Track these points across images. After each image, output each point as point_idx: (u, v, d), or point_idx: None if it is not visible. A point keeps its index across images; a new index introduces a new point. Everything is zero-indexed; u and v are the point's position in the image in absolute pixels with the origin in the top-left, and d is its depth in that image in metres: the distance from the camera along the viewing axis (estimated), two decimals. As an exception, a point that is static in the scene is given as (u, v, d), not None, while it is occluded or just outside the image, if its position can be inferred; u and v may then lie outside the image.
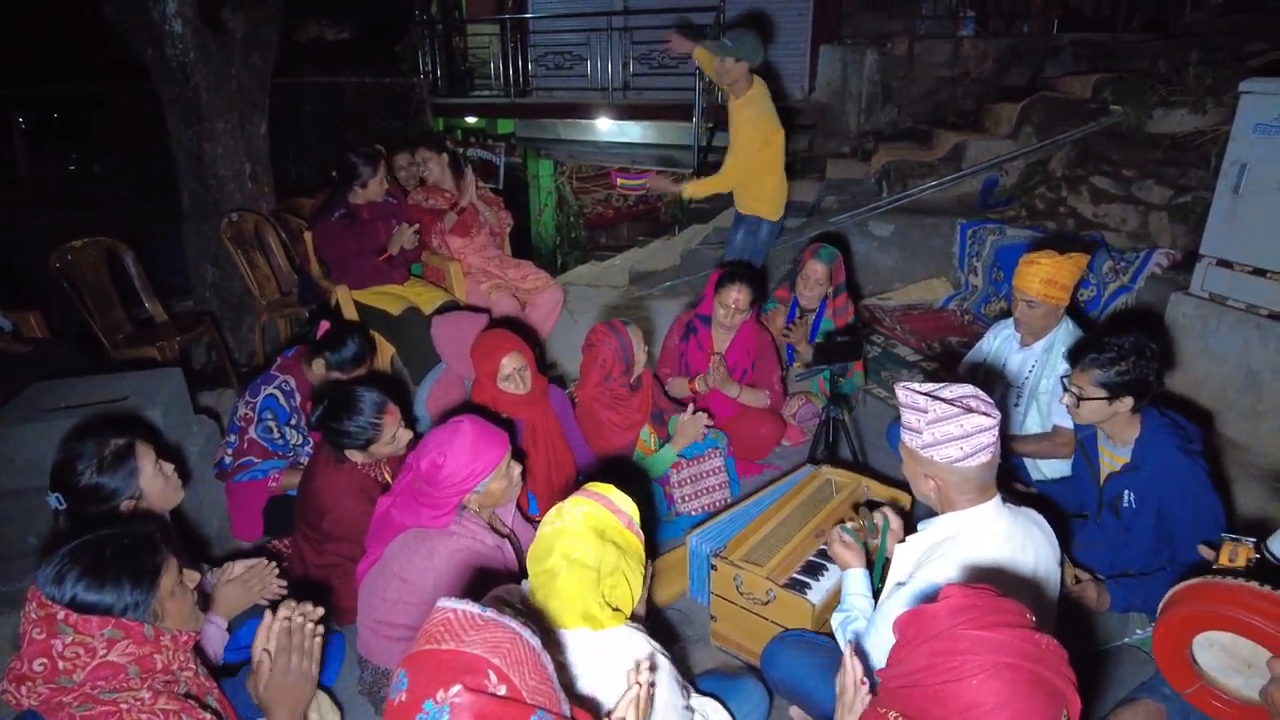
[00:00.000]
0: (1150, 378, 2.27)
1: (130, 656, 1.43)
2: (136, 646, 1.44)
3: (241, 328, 5.23)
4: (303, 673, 1.63)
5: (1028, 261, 2.81)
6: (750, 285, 3.43)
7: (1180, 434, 2.35)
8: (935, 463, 1.68)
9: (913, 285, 5.59)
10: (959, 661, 1.16)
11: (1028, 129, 5.77)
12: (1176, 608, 1.61)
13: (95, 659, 1.40)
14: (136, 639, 1.44)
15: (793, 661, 2.11)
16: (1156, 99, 5.02)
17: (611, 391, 3.11)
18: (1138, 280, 4.25)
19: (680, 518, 3.18)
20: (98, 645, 1.40)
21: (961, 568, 1.68)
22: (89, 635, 1.40)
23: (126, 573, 1.44)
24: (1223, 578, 1.56)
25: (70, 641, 1.38)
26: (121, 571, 1.43)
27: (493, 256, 4.52)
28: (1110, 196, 4.97)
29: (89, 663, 1.39)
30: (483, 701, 1.04)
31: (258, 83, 5.06)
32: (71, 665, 1.38)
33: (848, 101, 7.26)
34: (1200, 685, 1.66)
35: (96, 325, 4.21)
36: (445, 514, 2.06)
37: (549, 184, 10.86)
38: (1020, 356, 3.00)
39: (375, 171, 3.89)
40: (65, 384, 3.09)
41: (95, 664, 1.40)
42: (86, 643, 1.39)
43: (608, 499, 1.61)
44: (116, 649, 1.42)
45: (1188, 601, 1.59)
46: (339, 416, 2.45)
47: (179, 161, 4.99)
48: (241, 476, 2.99)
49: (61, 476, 2.00)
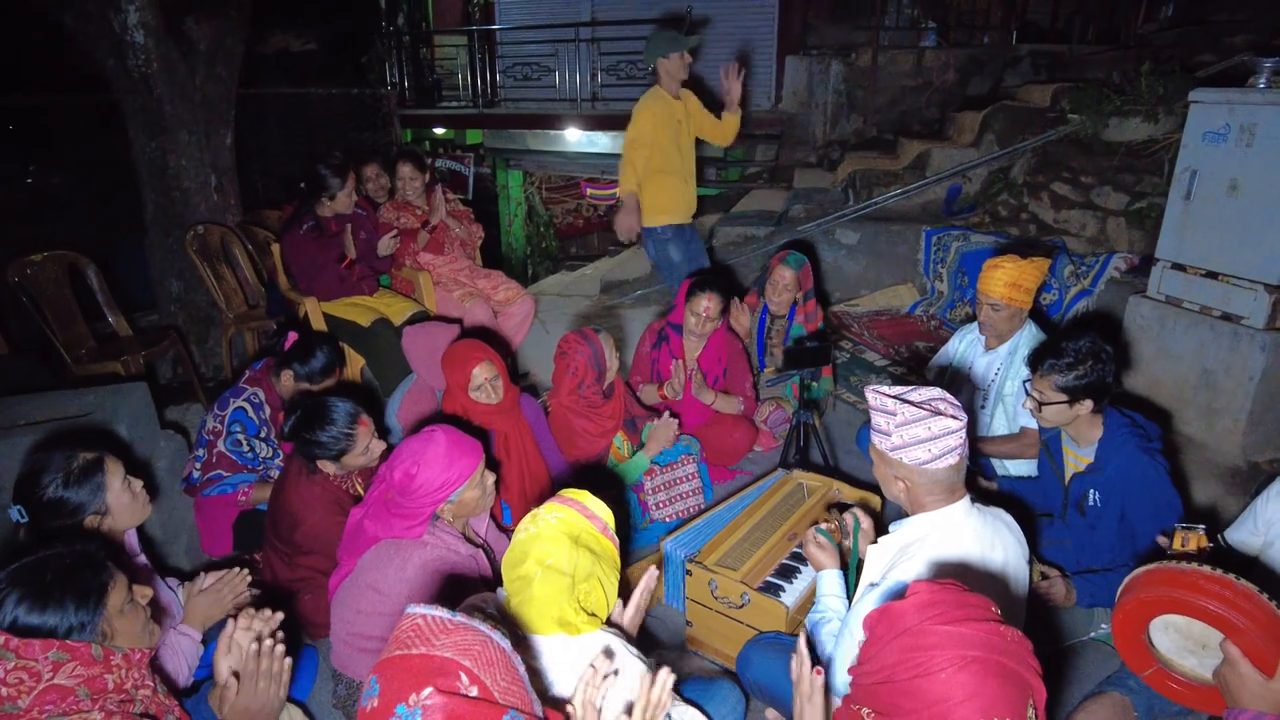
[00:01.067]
0: (1108, 379, 2.33)
1: (78, 678, 1.40)
2: (84, 668, 1.41)
3: (208, 341, 5.16)
4: (270, 696, 1.61)
5: (992, 265, 2.87)
6: (721, 294, 3.47)
7: (1140, 433, 2.41)
8: (904, 464, 1.71)
9: (880, 292, 5.66)
10: (928, 656, 1.18)
11: (989, 137, 5.89)
12: (1133, 593, 1.65)
13: (40, 683, 1.36)
14: (84, 660, 1.41)
15: (767, 664, 2.13)
16: (1112, 108, 5.15)
17: (585, 399, 3.12)
18: (1097, 284, 4.36)
19: (655, 524, 3.20)
20: (42, 669, 1.37)
21: (933, 567, 1.71)
22: (32, 659, 1.36)
23: (70, 593, 1.41)
24: (1176, 563, 1.61)
25: (12, 667, 1.35)
26: (65, 592, 1.40)
27: (463, 267, 4.52)
28: (1070, 203, 5.09)
29: (34, 687, 1.36)
30: (455, 703, 1.05)
31: (223, 94, 5.01)
32: (15, 691, 1.35)
33: (814, 111, 7.36)
34: (1157, 667, 1.71)
35: (58, 340, 4.12)
36: (418, 524, 2.05)
37: (519, 194, 10.86)
38: (986, 360, 3.06)
39: (344, 183, 3.88)
40: (26, 399, 3.03)
41: (41, 688, 1.36)
42: (30, 667, 1.36)
43: (582, 504, 1.61)
44: (63, 671, 1.38)
45: (1144, 587, 1.63)
46: (311, 427, 2.43)
47: (141, 173, 4.92)
48: (210, 491, 2.96)
49: (26, 489, 1.96)
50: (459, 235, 4.48)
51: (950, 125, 6.51)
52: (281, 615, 1.72)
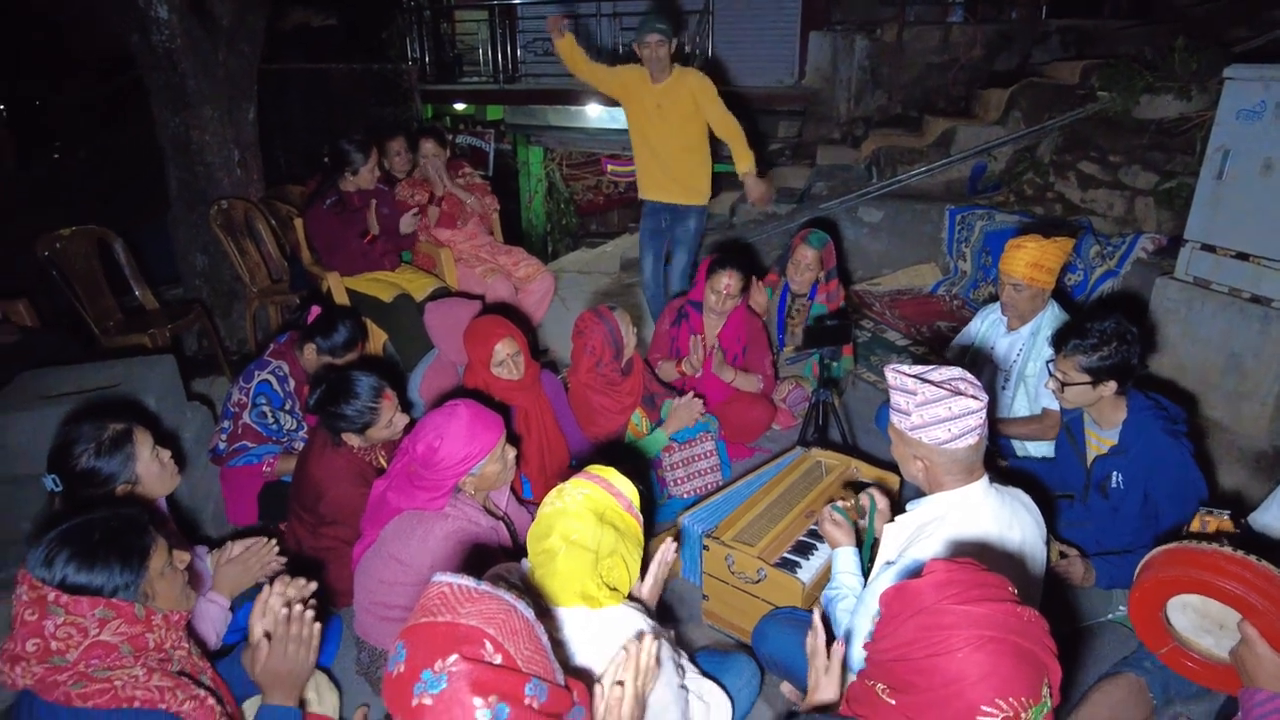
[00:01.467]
0: (1132, 361, 2.31)
1: (122, 636, 1.45)
2: (128, 626, 1.46)
3: (232, 315, 5.22)
4: (301, 659, 1.66)
5: (1014, 245, 2.84)
6: (741, 271, 3.46)
7: (1165, 416, 2.39)
8: (923, 444, 1.71)
9: (902, 271, 5.62)
10: (944, 635, 1.19)
11: (1016, 115, 5.80)
12: (1152, 571, 1.66)
13: (87, 639, 1.42)
14: (127, 619, 1.46)
15: (783, 639, 2.15)
16: (1143, 85, 5.04)
17: (603, 377, 3.13)
18: (1124, 265, 4.30)
19: (673, 500, 3.22)
20: (89, 625, 1.42)
21: (950, 546, 1.71)
22: (80, 616, 1.41)
23: (115, 554, 1.45)
24: (1196, 543, 1.60)
25: (62, 622, 1.40)
26: (110, 553, 1.45)
27: (484, 243, 4.53)
28: (1097, 182, 5.01)
29: (81, 642, 1.41)
30: (479, 670, 1.07)
31: (246, 69, 5.03)
32: (64, 645, 1.40)
33: (838, 88, 7.27)
34: (1173, 645, 1.71)
35: (87, 313, 4.19)
36: (441, 496, 2.08)
37: (539, 171, 10.82)
38: (1007, 340, 3.04)
39: (367, 159, 3.90)
40: (56, 372, 3.09)
41: (88, 643, 1.42)
42: (78, 623, 1.41)
43: (608, 482, 1.63)
44: (108, 628, 1.44)
45: (1163, 566, 1.63)
46: (337, 400, 2.47)
47: (165, 149, 4.96)
48: (236, 461, 3.01)
49: (59, 459, 2.02)
50: (473, 208, 4.48)
51: (976, 102, 6.42)
52: (315, 585, 1.76)
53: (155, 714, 1.45)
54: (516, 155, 10.35)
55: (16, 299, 4.09)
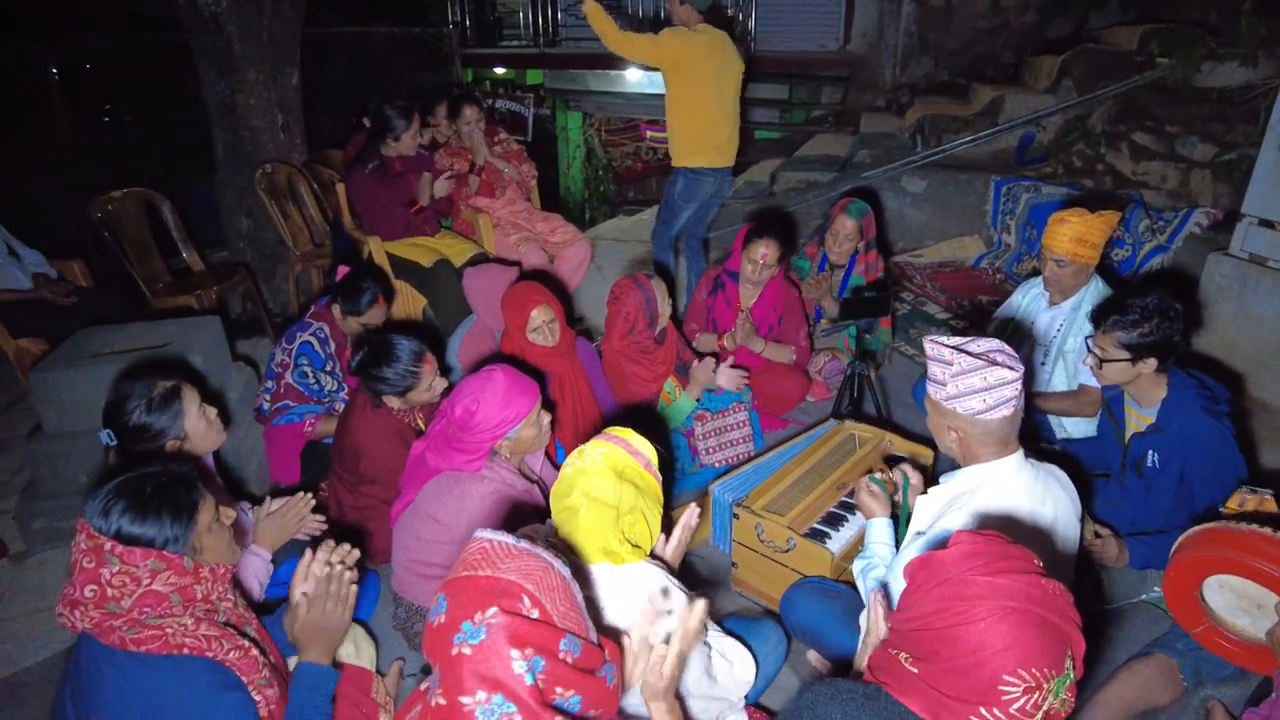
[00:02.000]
0: (1175, 338, 2.26)
1: (172, 586, 1.52)
2: (177, 577, 1.52)
3: (275, 277, 5.32)
4: (337, 618, 1.72)
5: (1057, 220, 2.78)
6: (779, 240, 3.43)
7: (1207, 395, 2.34)
8: (958, 414, 1.71)
9: (945, 242, 5.52)
10: (967, 605, 1.20)
11: (1068, 83, 5.62)
12: (1189, 551, 1.64)
13: (140, 587, 1.48)
14: (177, 570, 1.52)
15: (811, 607, 2.17)
16: (1206, 51, 4.85)
17: (636, 344, 3.15)
18: (1175, 240, 4.17)
19: (704, 469, 3.24)
20: (142, 575, 1.48)
21: (980, 519, 1.71)
22: (134, 565, 1.48)
23: (167, 508, 1.51)
24: (1236, 523, 1.59)
25: (117, 570, 1.46)
26: (162, 507, 1.51)
27: (521, 210, 4.54)
28: (1151, 153, 4.85)
29: (135, 590, 1.48)
30: (517, 623, 1.11)
31: (289, 33, 5.06)
32: (119, 592, 1.47)
33: (883, 54, 7.10)
34: (1208, 624, 1.70)
35: (137, 274, 4.31)
36: (477, 459, 2.13)
37: (578, 136, 10.77)
38: (1048, 315, 2.99)
39: (409, 125, 3.92)
40: (109, 330, 3.20)
41: (141, 592, 1.48)
42: (132, 572, 1.48)
43: (626, 441, 1.66)
44: (159, 579, 1.50)
45: (1200, 545, 1.62)
46: (379, 364, 2.52)
47: (211, 112, 5.03)
48: (278, 420, 3.09)
49: (113, 414, 2.09)
50: (511, 176, 4.49)
51: (1026, 70, 6.23)
52: (358, 552, 1.81)
53: (202, 661, 1.53)
54: (555, 120, 10.31)
55: (72, 259, 4.22)
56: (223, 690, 1.53)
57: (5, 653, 2.53)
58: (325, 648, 1.73)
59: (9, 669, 2.47)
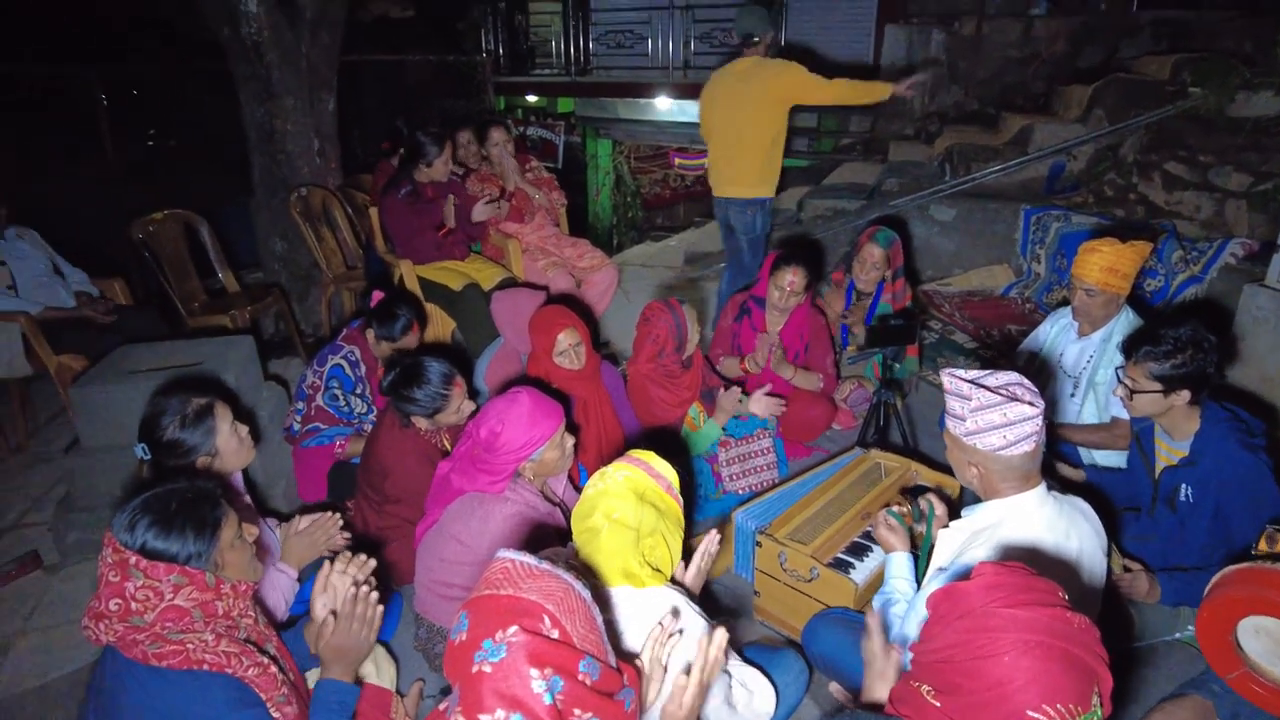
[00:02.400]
0: (1209, 370, 2.22)
1: (194, 601, 1.54)
2: (199, 593, 1.54)
3: (308, 299, 5.42)
4: (362, 639, 1.74)
5: (1088, 249, 2.75)
6: (806, 268, 3.44)
7: (1242, 428, 2.29)
8: (978, 450, 1.69)
9: (973, 271, 5.49)
10: (990, 638, 1.18)
11: (1099, 112, 5.59)
12: (1222, 590, 1.60)
13: (163, 602, 1.50)
14: (199, 586, 1.54)
15: (834, 638, 2.15)
16: (1240, 81, 4.81)
17: (663, 368, 3.16)
18: (1210, 271, 4.11)
19: (728, 495, 3.23)
20: (165, 590, 1.50)
21: (1002, 553, 1.69)
22: (157, 580, 1.50)
23: (190, 524, 1.53)
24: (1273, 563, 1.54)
25: (141, 585, 1.49)
26: (186, 523, 1.53)
27: (550, 235, 4.60)
28: (1184, 183, 4.80)
29: (157, 605, 1.50)
30: (537, 642, 1.12)
31: (327, 60, 5.20)
32: (142, 606, 1.49)
33: (912, 82, 7.11)
34: (1244, 670, 1.65)
35: (174, 293, 4.42)
36: (501, 480, 2.15)
37: (607, 164, 10.90)
38: (1078, 346, 2.95)
39: (442, 151, 4.00)
40: (146, 348, 3.27)
41: (163, 606, 1.50)
42: (155, 586, 1.50)
43: (648, 464, 1.67)
44: (181, 594, 1.52)
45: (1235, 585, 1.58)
46: (410, 385, 2.56)
47: (250, 137, 5.17)
48: (309, 442, 3.13)
49: (148, 429, 2.14)
50: (540, 203, 4.56)
51: (1057, 99, 6.20)
52: (374, 563, 1.83)
53: (222, 677, 1.54)
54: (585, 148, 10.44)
55: (113, 278, 4.33)
56: (241, 707, 1.55)
57: (36, 663, 2.58)
58: (349, 666, 1.75)
59: (39, 679, 2.52)
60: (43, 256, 3.97)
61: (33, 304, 3.77)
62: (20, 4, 8.73)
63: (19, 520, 3.35)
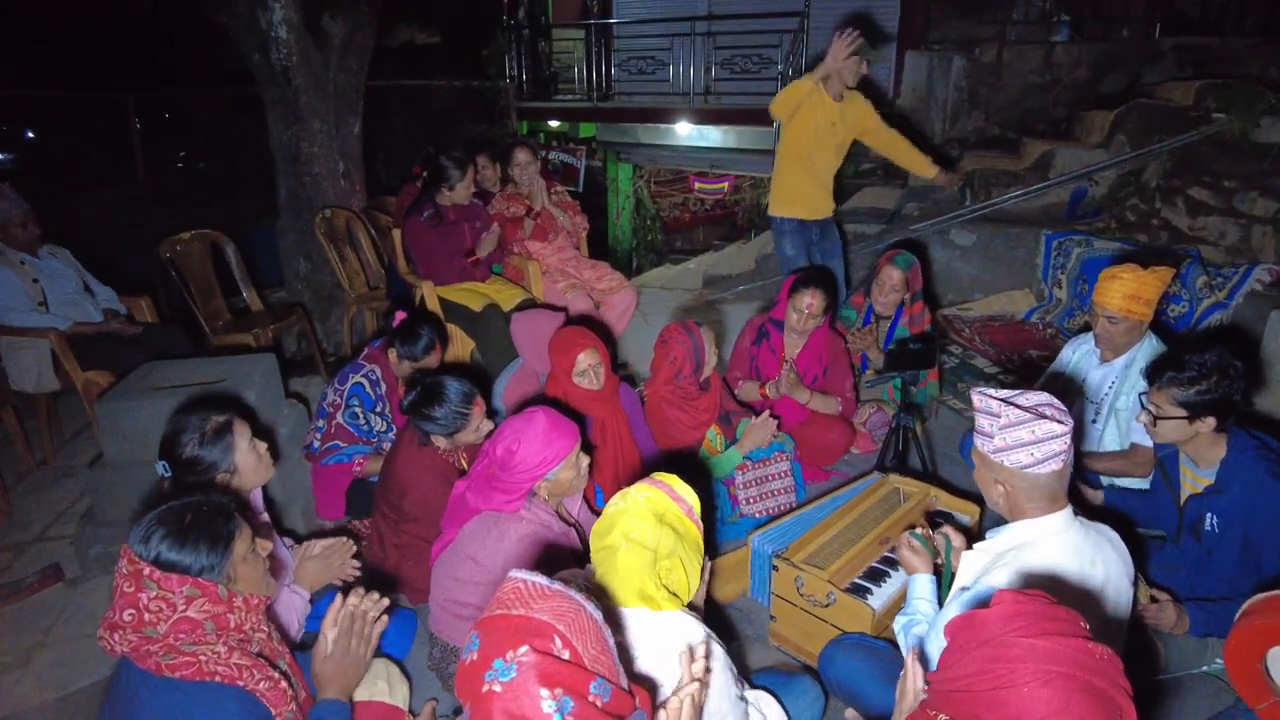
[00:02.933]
0: (1235, 398, 2.18)
1: (206, 614, 1.55)
2: (212, 605, 1.56)
3: (331, 319, 5.48)
4: (357, 656, 1.74)
5: (1109, 276, 2.73)
6: (825, 291, 3.43)
7: (1271, 456, 2.25)
8: (1005, 468, 1.68)
9: (994, 296, 5.45)
10: (1010, 669, 1.16)
11: (1121, 138, 5.57)
12: (1253, 618, 1.56)
13: (176, 613, 1.52)
14: (212, 598, 1.56)
15: (851, 664, 2.12)
16: (1265, 106, 4.78)
17: (680, 390, 3.16)
18: (1235, 297, 4.06)
19: (744, 519, 3.20)
20: (178, 601, 1.52)
21: (1025, 578, 1.67)
22: (170, 591, 1.51)
23: (204, 537, 1.55)
24: None
25: (154, 596, 1.50)
26: (200, 535, 1.55)
27: (570, 257, 4.63)
28: (1209, 209, 4.76)
29: (170, 616, 1.51)
30: (548, 663, 1.11)
31: (353, 85, 5.30)
32: (155, 617, 1.50)
33: (933, 108, 7.12)
34: (1274, 701, 1.61)
35: (199, 312, 4.48)
36: (516, 499, 2.15)
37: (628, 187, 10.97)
38: (1100, 372, 2.92)
39: (464, 175, 4.06)
40: (170, 365, 3.32)
41: (176, 618, 1.51)
42: (168, 598, 1.51)
43: (670, 487, 1.67)
44: (194, 606, 1.53)
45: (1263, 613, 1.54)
46: (430, 404, 2.58)
47: (277, 159, 5.26)
48: (329, 460, 3.15)
49: (168, 447, 2.16)
50: (564, 225, 4.60)
51: (1078, 125, 6.19)
52: (387, 601, 1.83)
53: (233, 689, 1.55)
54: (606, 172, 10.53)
55: (140, 296, 4.41)
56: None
57: (55, 676, 2.59)
58: (344, 685, 1.75)
59: (57, 692, 2.53)
60: (73, 275, 4.05)
61: (62, 320, 3.84)
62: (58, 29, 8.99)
63: (42, 533, 3.39)
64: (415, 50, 12.58)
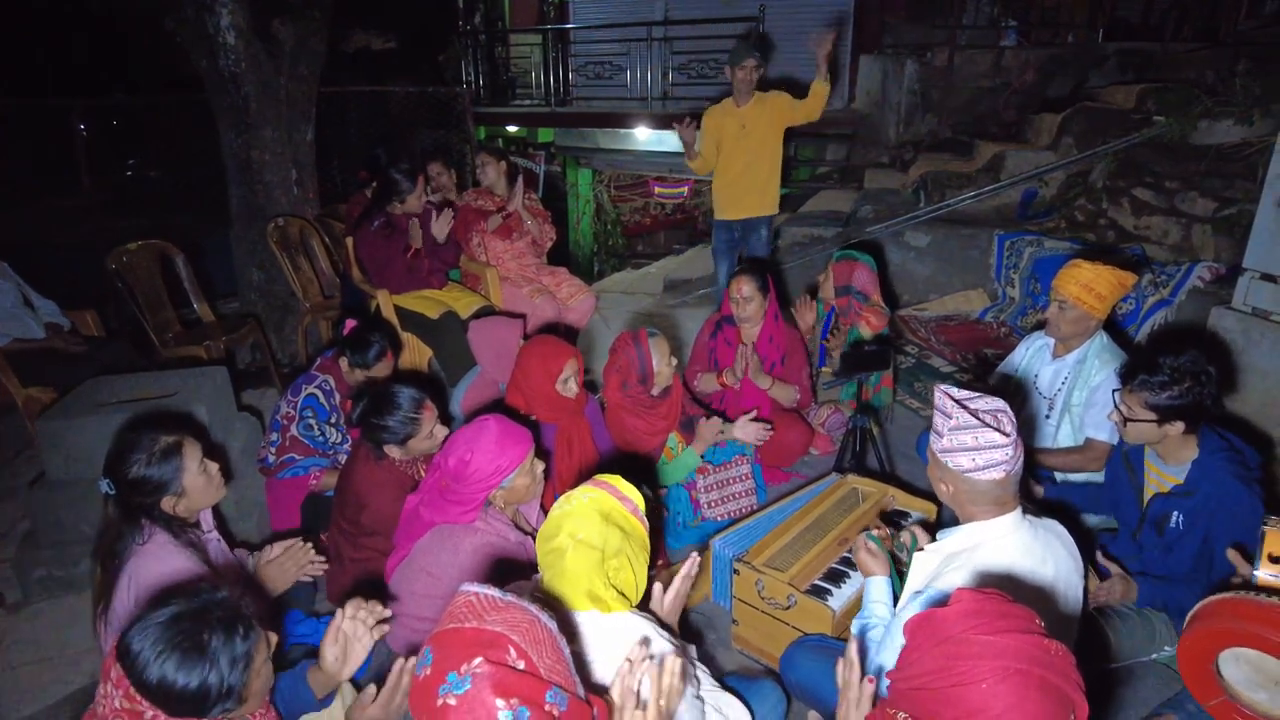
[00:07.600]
0: (1206, 403, 2.20)
1: None
2: None
3: (285, 329, 5.37)
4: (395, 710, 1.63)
5: (1073, 264, 2.75)
6: (753, 275, 3.52)
7: (1238, 459, 2.27)
8: (949, 469, 1.71)
9: (949, 296, 5.55)
10: (968, 665, 1.18)
11: (1068, 140, 5.70)
12: (1206, 621, 1.60)
13: None
14: None
15: (811, 666, 2.13)
16: (1202, 109, 4.93)
17: (634, 398, 3.14)
18: (1178, 294, 4.18)
19: (706, 523, 3.21)
20: None
21: (978, 578, 1.69)
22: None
23: (223, 662, 1.35)
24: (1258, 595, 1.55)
25: None
26: (217, 666, 1.35)
27: (529, 264, 4.61)
28: (1152, 208, 4.90)
29: None
30: (502, 673, 1.10)
31: (305, 92, 5.21)
32: None
33: (887, 111, 7.24)
34: (1224, 699, 1.65)
35: (148, 324, 4.36)
36: (472, 510, 2.12)
37: (588, 192, 10.97)
38: (1052, 369, 2.97)
39: (414, 186, 4.02)
40: (117, 379, 3.23)
41: None
42: None
43: (613, 486, 1.67)
44: None
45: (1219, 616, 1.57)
46: (379, 412, 2.53)
47: (228, 168, 5.15)
48: (285, 474, 3.08)
49: (114, 465, 2.09)
50: (531, 231, 4.58)
51: (1028, 127, 6.33)
52: (389, 612, 1.77)
53: None
54: (566, 177, 10.51)
55: (85, 310, 4.28)
56: None
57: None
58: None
59: (-1, 723, 2.45)
60: (12, 288, 3.92)
61: (1, 336, 3.71)
62: (-1, 36, 8.73)
63: (-18, 557, 3.28)
64: (371, 56, 12.43)
